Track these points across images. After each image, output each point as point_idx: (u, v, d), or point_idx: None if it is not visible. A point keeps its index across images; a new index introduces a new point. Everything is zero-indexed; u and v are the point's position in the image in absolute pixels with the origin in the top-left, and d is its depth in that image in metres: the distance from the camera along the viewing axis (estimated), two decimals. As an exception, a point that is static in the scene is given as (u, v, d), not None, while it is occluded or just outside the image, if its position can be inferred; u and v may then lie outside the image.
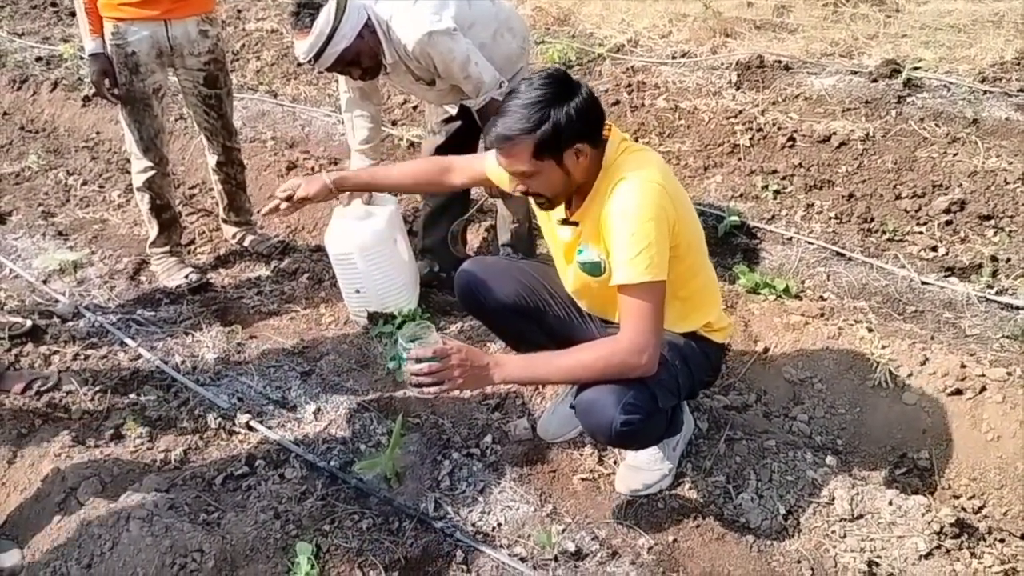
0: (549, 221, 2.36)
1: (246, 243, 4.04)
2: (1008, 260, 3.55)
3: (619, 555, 2.28)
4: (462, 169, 2.64)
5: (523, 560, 2.27)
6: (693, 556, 2.32)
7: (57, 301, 3.57)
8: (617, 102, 4.99)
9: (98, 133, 5.37)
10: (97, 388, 2.97)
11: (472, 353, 2.10)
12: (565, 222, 2.28)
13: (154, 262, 3.80)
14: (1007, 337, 3.05)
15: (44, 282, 3.74)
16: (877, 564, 2.26)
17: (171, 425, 2.83)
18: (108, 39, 3.38)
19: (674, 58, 5.66)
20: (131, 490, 2.43)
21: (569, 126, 2.03)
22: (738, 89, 5.05)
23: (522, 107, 2.03)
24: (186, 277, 3.70)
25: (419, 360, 2.05)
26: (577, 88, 2.07)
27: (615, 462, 2.61)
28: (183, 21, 3.44)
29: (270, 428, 2.78)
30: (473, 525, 2.41)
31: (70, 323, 3.41)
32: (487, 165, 2.52)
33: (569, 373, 2.18)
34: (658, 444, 2.45)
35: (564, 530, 2.36)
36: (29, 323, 3.32)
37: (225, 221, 4.10)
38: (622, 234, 2.05)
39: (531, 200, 2.28)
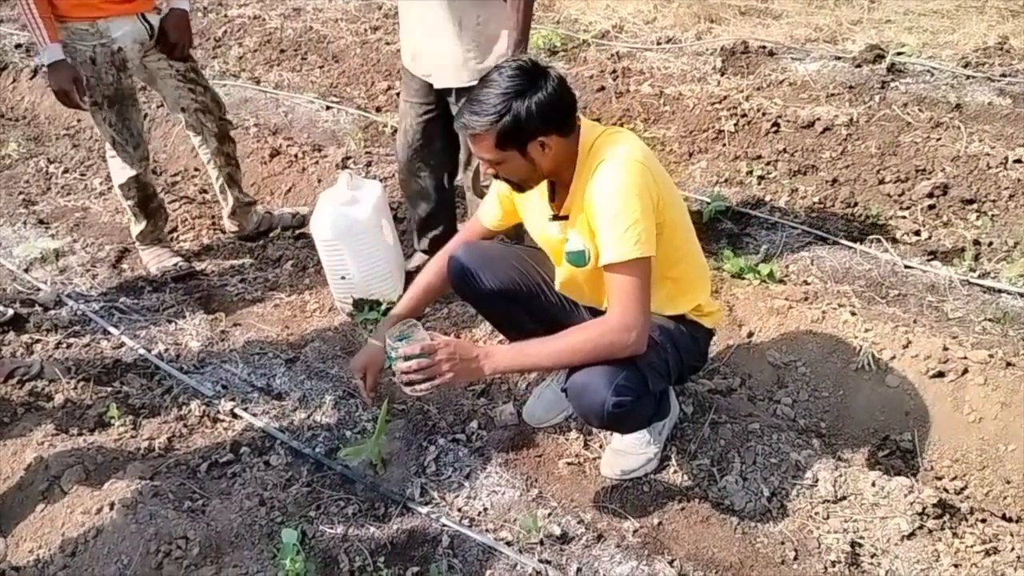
0: (538, 222, 2.36)
1: (274, 222, 3.96)
2: (990, 244, 3.57)
3: (604, 538, 2.29)
4: (471, 235, 2.59)
5: (509, 544, 2.27)
6: (678, 538, 2.33)
7: (39, 289, 3.54)
8: (602, 88, 4.98)
9: (79, 121, 5.31)
10: (80, 376, 2.96)
11: (460, 346, 2.10)
12: (555, 218, 2.28)
13: (141, 250, 3.76)
14: (989, 320, 3.07)
15: (26, 270, 3.70)
16: (860, 545, 2.27)
17: (155, 413, 2.81)
18: (83, 40, 3.19)
19: (659, 44, 5.64)
20: (115, 478, 2.42)
21: (530, 119, 2.02)
22: (723, 75, 5.04)
23: (487, 98, 2.03)
24: (176, 265, 3.67)
25: (408, 358, 2.05)
26: (544, 80, 2.05)
27: (600, 446, 2.62)
28: (150, 12, 3.33)
29: (255, 415, 2.77)
30: (459, 510, 2.41)
31: (52, 311, 3.39)
32: (483, 216, 2.53)
33: (559, 357, 2.18)
34: (645, 428, 2.46)
35: (550, 514, 2.36)
36: (11, 312, 3.30)
37: (231, 216, 3.90)
38: (607, 214, 2.05)
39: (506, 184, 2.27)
